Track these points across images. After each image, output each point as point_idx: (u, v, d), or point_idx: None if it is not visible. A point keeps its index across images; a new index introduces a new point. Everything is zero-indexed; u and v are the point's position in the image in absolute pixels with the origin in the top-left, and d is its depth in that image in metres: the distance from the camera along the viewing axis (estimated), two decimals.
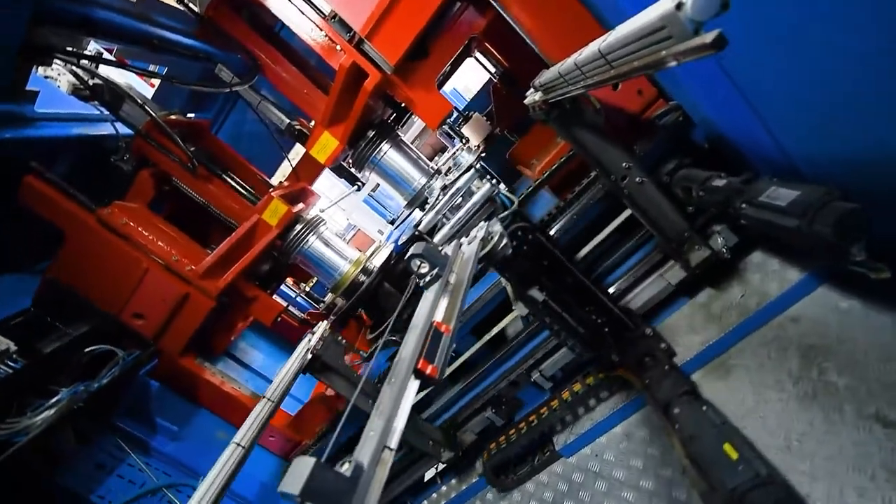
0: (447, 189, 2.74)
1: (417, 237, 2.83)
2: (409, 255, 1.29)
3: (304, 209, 3.67)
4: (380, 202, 10.64)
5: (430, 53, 2.45)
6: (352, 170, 3.35)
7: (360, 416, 0.92)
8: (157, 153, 3.11)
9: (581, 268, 2.34)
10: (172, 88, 4.11)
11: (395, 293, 3.56)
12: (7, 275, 2.99)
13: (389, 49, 2.25)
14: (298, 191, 3.84)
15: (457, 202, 2.69)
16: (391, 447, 0.83)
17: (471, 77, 8.60)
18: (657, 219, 1.99)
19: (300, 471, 0.64)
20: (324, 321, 2.36)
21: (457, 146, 3.58)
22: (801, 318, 1.81)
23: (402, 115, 3.36)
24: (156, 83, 4.29)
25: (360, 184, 3.76)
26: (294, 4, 2.63)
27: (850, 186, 1.30)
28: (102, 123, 3.19)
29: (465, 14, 2.45)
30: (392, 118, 3.27)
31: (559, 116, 1.80)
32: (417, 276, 1.31)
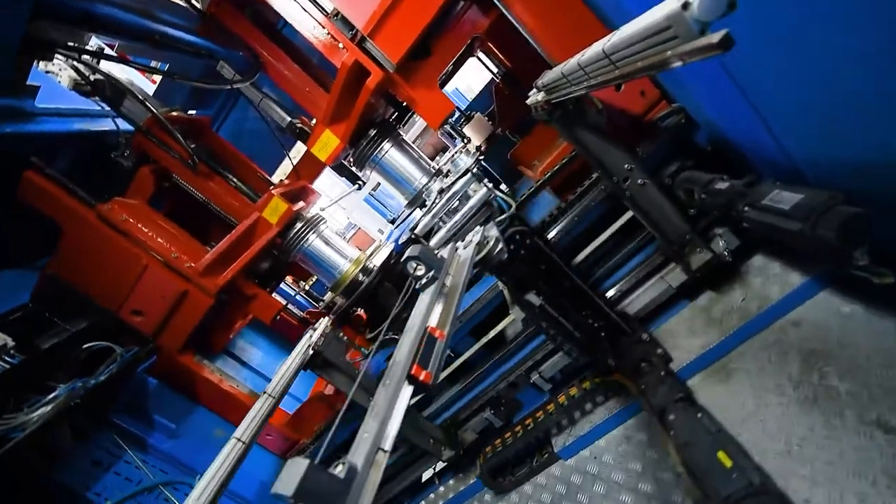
0: (444, 192, 2.72)
1: (414, 240, 2.82)
2: (406, 258, 1.31)
3: (305, 207, 3.66)
4: (380, 201, 10.65)
5: (433, 52, 2.44)
6: (353, 168, 3.34)
7: (358, 417, 0.92)
8: (158, 149, 3.11)
9: (579, 271, 2.33)
10: (174, 85, 4.11)
11: (396, 292, 3.55)
12: (6, 270, 2.98)
13: (392, 47, 2.24)
14: (299, 189, 3.83)
15: (454, 205, 2.68)
16: (385, 449, 0.83)
17: (473, 77, 8.61)
18: (659, 221, 1.98)
19: (294, 472, 0.65)
20: (325, 317, 2.34)
21: (455, 148, 3.57)
22: (803, 322, 1.80)
23: (404, 115, 3.35)
24: (157, 79, 4.29)
25: (361, 183, 3.75)
26: (296, 2, 2.62)
27: (854, 190, 1.29)
28: (103, 119, 3.19)
29: (469, 13, 2.44)
30: (394, 117, 3.26)
31: (562, 117, 1.80)
32: (413, 279, 1.32)
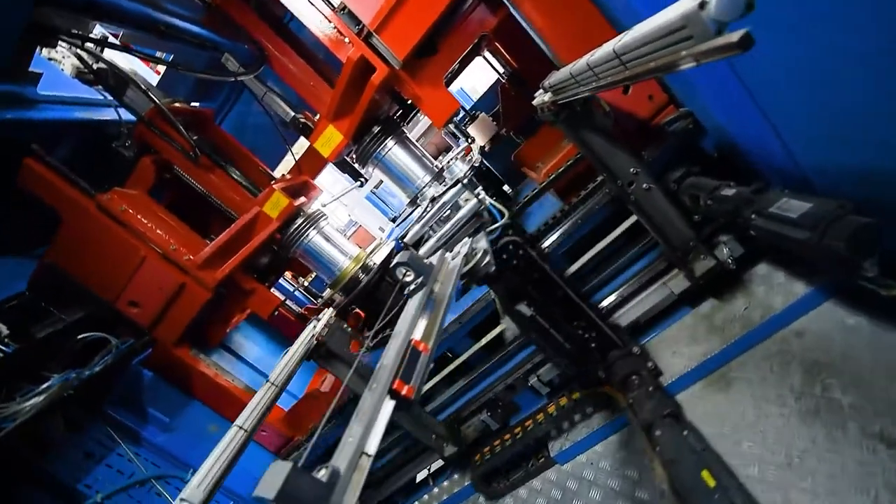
0: (436, 200, 2.70)
1: (404, 248, 2.80)
2: (395, 264, 1.34)
3: (306, 203, 3.64)
4: (382, 199, 10.63)
5: (439, 50, 2.41)
6: (355, 165, 3.32)
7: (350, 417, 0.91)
8: (160, 140, 3.09)
9: (575, 279, 2.32)
10: (177, 77, 4.10)
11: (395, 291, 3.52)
12: (4, 258, 2.96)
13: (398, 44, 2.22)
14: (300, 184, 3.82)
15: (444, 214, 2.65)
16: (369, 453, 0.83)
17: (478, 78, 8.59)
18: (663, 226, 1.96)
19: (276, 475, 0.64)
20: (329, 308, 2.32)
21: (454, 152, 3.53)
22: (806, 333, 1.78)
23: (408, 112, 3.33)
24: (161, 70, 4.27)
25: (363, 180, 3.73)
26: None
27: (863, 199, 1.27)
28: (105, 108, 3.17)
29: (476, 11, 2.42)
30: (398, 115, 3.24)
31: (568, 118, 1.78)
32: (402, 284, 1.35)
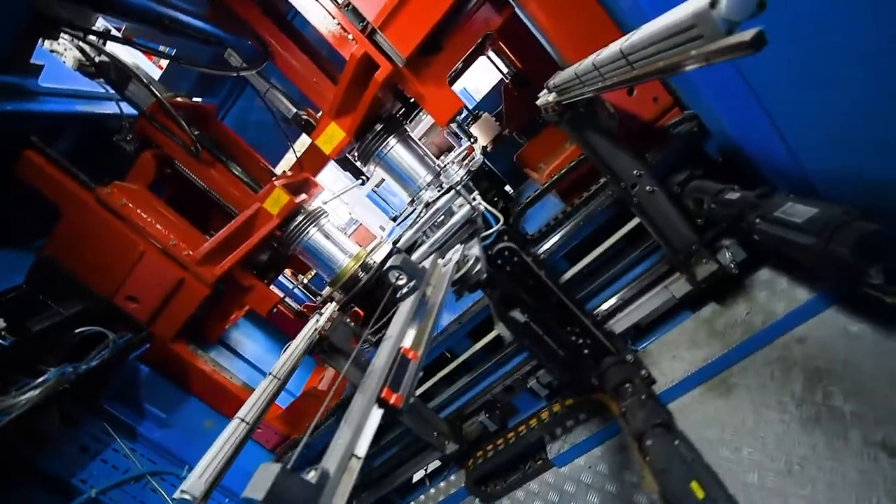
0: (430, 206, 2.69)
1: (396, 252, 2.79)
2: (388, 267, 1.36)
3: (307, 200, 3.63)
4: (383, 198, 10.62)
5: (444, 48, 2.40)
6: (357, 163, 3.30)
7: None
8: (161, 135, 3.08)
9: (572, 283, 2.31)
10: (180, 72, 4.08)
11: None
12: (2, 250, 2.95)
13: (402, 41, 2.20)
14: (301, 181, 3.80)
15: (438, 220, 2.64)
16: (359, 456, 0.82)
17: (481, 78, 8.58)
18: (665, 229, 1.95)
19: (265, 476, 0.64)
20: (332, 302, 2.31)
21: (453, 154, 3.51)
22: (808, 340, 1.76)
23: (411, 111, 3.31)
24: (164, 65, 4.25)
25: (365, 178, 3.71)
26: None
27: (868, 206, 1.26)
28: (107, 102, 3.16)
29: (482, 10, 2.40)
30: (401, 113, 3.22)
31: (572, 119, 1.77)
32: (395, 288, 1.37)
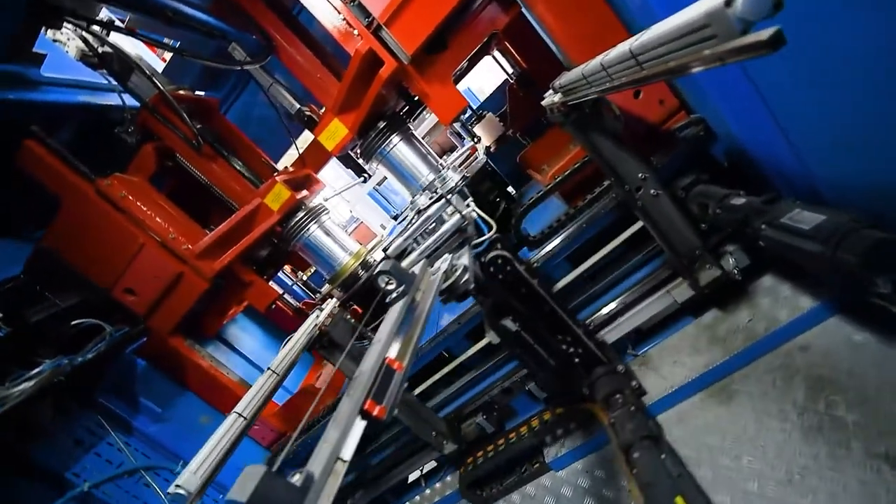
0: (421, 213, 2.66)
1: (386, 258, 2.78)
2: (378, 272, 1.35)
3: (308, 196, 3.61)
4: (385, 196, 10.60)
5: (449, 46, 2.38)
6: (359, 160, 3.29)
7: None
8: (163, 127, 3.06)
9: (568, 290, 2.30)
10: (183, 65, 4.07)
11: None
12: (0, 240, 2.93)
13: (408, 38, 2.18)
14: (303, 177, 3.78)
15: (430, 227, 2.62)
16: (344, 459, 0.81)
17: (485, 78, 8.57)
18: (669, 233, 1.93)
19: (249, 479, 0.64)
20: (333, 298, 2.29)
21: (451, 159, 3.49)
22: (811, 348, 1.75)
23: (415, 109, 3.30)
24: (167, 57, 4.24)
25: (367, 175, 3.70)
26: None
27: (877, 214, 1.24)
28: (109, 93, 3.14)
29: (488, 9, 2.38)
30: (404, 111, 3.20)
31: (577, 120, 1.75)
32: (384, 293, 1.37)
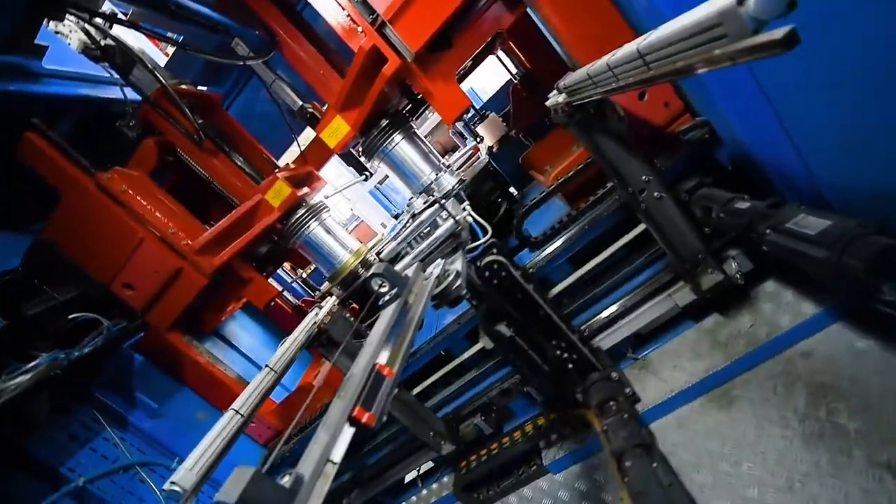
0: (416, 217, 2.65)
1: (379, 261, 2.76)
2: (370, 275, 1.35)
3: (309, 194, 3.60)
4: (386, 195, 10.60)
5: (453, 45, 2.36)
6: (361, 158, 3.27)
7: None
8: (164, 122, 3.04)
9: (575, 288, 2.28)
10: (186, 59, 4.05)
11: None
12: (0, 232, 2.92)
13: (412, 35, 2.17)
14: (304, 175, 3.77)
15: (424, 231, 2.61)
16: (334, 461, 0.81)
17: (488, 79, 8.56)
18: (672, 237, 1.92)
19: (238, 480, 0.64)
20: (332, 296, 2.27)
21: (453, 159, 3.47)
22: (813, 354, 1.74)
23: (418, 108, 3.28)
24: (170, 52, 4.22)
25: (368, 174, 3.68)
26: None
27: (883, 220, 1.22)
28: (111, 86, 3.12)
29: (493, 8, 2.36)
30: (407, 109, 3.19)
31: (581, 120, 1.73)
32: (377, 295, 1.37)
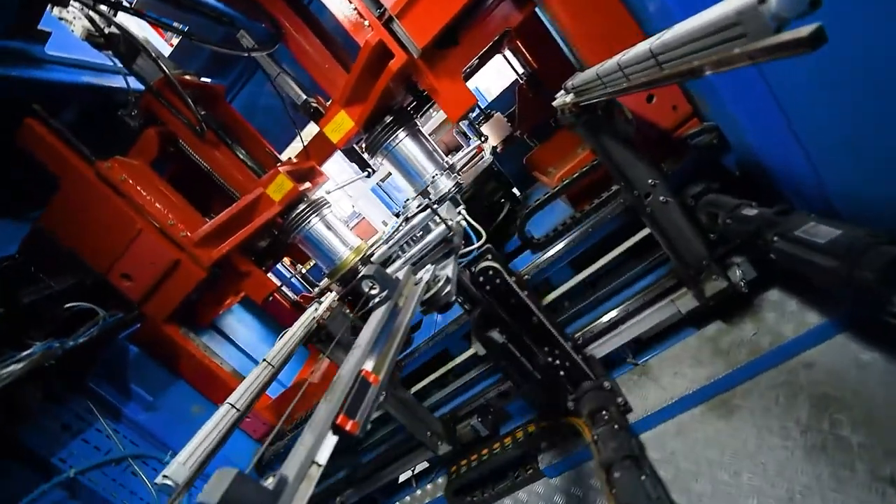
0: (408, 221, 2.63)
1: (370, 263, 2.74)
2: (361, 276, 1.36)
3: (311, 189, 3.57)
4: (388, 193, 10.58)
5: (460, 42, 2.34)
6: (364, 155, 3.25)
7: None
8: (166, 112, 3.02)
9: (575, 291, 2.26)
10: (191, 50, 4.03)
11: None
12: None
13: (419, 31, 2.14)
14: (306, 169, 3.74)
15: (417, 235, 2.59)
16: (319, 463, 0.79)
17: (493, 79, 8.55)
18: (676, 242, 1.89)
19: (220, 481, 0.63)
20: (332, 292, 2.25)
21: (457, 158, 3.43)
22: (816, 365, 1.71)
23: (423, 105, 3.26)
24: (175, 42, 4.20)
25: (371, 170, 3.66)
26: None
27: (894, 230, 1.20)
28: (114, 75, 3.10)
29: (502, 6, 2.34)
30: (412, 106, 3.16)
31: (588, 121, 1.71)
32: (368, 297, 1.38)
